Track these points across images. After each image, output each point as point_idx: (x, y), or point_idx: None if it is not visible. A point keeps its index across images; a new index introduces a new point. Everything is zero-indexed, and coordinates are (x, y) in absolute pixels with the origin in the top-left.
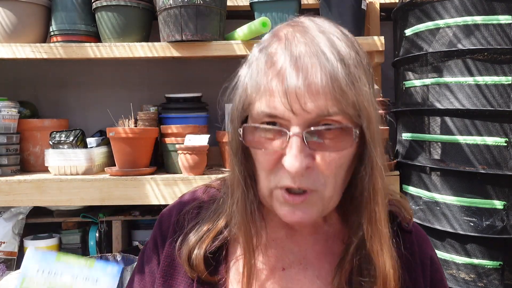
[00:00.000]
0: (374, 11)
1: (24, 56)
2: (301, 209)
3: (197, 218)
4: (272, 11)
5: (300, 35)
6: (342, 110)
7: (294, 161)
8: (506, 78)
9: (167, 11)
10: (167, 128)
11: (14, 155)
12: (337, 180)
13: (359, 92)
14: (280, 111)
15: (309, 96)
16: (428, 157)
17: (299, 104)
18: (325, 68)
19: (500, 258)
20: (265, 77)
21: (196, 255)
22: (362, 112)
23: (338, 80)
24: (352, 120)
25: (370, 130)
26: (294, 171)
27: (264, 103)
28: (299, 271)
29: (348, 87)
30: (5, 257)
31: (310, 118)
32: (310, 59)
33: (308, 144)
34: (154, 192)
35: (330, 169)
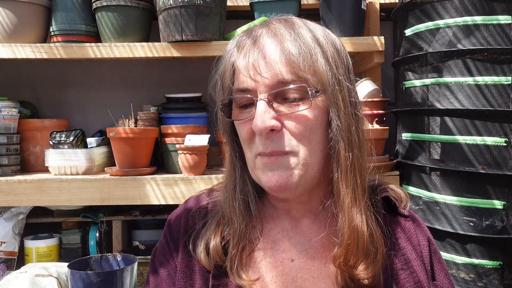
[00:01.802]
0: (374, 11)
1: (24, 56)
2: (277, 171)
3: (205, 218)
4: (272, 11)
5: (265, 23)
6: (297, 76)
7: (257, 121)
8: (506, 78)
9: (167, 11)
10: (167, 128)
11: (14, 155)
12: (311, 144)
13: (312, 62)
14: (246, 83)
15: (266, 66)
16: (428, 157)
17: (258, 73)
18: (280, 43)
19: (500, 258)
20: (235, 59)
21: (213, 245)
22: (316, 76)
23: (290, 51)
24: (309, 85)
25: (328, 94)
26: (258, 130)
27: (237, 82)
28: (307, 261)
29: (301, 57)
30: (5, 257)
31: (271, 85)
32: (268, 38)
33: (273, 108)
34: (154, 192)
35: (299, 131)
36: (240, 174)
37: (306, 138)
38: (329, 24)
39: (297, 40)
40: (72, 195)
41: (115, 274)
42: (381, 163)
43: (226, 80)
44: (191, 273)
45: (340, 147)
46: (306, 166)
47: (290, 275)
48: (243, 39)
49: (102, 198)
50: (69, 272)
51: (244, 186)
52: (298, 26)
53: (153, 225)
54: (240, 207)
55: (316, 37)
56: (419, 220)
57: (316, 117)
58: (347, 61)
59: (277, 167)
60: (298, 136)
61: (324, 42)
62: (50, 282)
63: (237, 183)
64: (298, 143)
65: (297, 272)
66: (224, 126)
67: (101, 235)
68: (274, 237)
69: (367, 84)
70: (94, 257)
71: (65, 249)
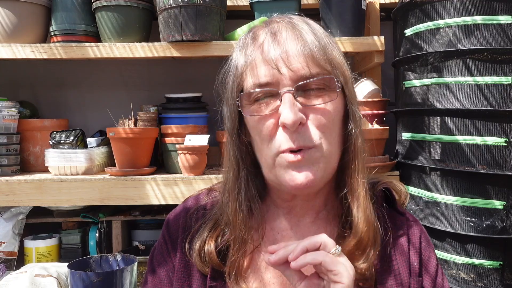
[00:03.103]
0: (374, 11)
1: (24, 56)
2: (306, 168)
3: (203, 218)
4: (272, 11)
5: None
6: (322, 67)
7: (289, 113)
8: (506, 78)
9: (167, 11)
10: (167, 128)
11: (14, 155)
12: (332, 136)
13: (331, 54)
14: (268, 77)
15: (291, 58)
16: (428, 157)
17: (285, 65)
18: (300, 35)
19: (500, 258)
20: (252, 52)
21: (207, 250)
22: (337, 69)
23: (313, 43)
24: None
25: (348, 87)
26: (291, 122)
27: (254, 76)
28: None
29: (321, 49)
30: (5, 257)
31: (295, 78)
32: (286, 32)
33: (298, 101)
34: (154, 192)
35: (323, 123)
36: (245, 177)
37: (329, 130)
38: (329, 24)
39: (315, 33)
40: (72, 195)
41: (115, 274)
42: (381, 163)
43: (239, 75)
44: (189, 273)
45: (359, 140)
46: (328, 158)
47: None
48: (259, 33)
49: (102, 198)
50: (69, 272)
51: (248, 191)
52: (308, 21)
53: (153, 225)
54: (244, 213)
55: (325, 32)
56: (414, 219)
57: (336, 109)
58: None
59: (303, 164)
60: (322, 128)
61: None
62: (50, 282)
63: (242, 187)
64: (321, 136)
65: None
66: (232, 125)
67: (101, 235)
68: (273, 238)
69: (367, 84)
70: (94, 257)
71: (65, 249)
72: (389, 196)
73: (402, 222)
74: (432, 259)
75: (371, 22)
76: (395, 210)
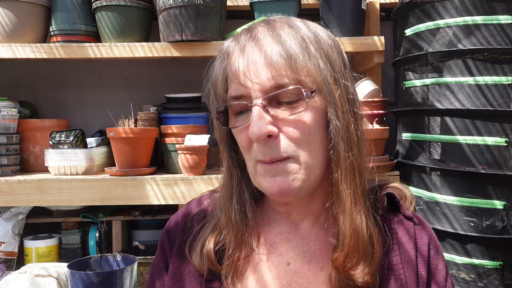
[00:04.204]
0: (374, 11)
1: (24, 56)
2: (279, 177)
3: (203, 220)
4: (272, 11)
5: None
6: (290, 78)
7: (253, 128)
8: (506, 78)
9: (167, 11)
10: (167, 128)
11: (14, 155)
12: (311, 146)
13: (305, 61)
14: (240, 90)
15: (258, 71)
16: (428, 157)
17: (249, 78)
18: (269, 46)
19: (500, 258)
20: (225, 66)
21: (206, 250)
22: (310, 78)
23: (280, 54)
24: (304, 85)
25: (324, 93)
26: (254, 137)
27: (230, 88)
28: (303, 265)
29: (291, 58)
30: (5, 257)
31: (265, 90)
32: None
33: (268, 113)
34: (154, 192)
35: (297, 134)
36: (238, 183)
37: (305, 142)
38: (329, 24)
39: (287, 41)
40: (72, 195)
41: (115, 274)
42: (381, 163)
43: (219, 88)
44: (181, 275)
45: (340, 147)
46: (308, 169)
47: (286, 279)
48: (232, 45)
49: (102, 198)
50: (69, 272)
51: (241, 196)
52: (287, 26)
53: (153, 225)
54: (236, 217)
55: (308, 35)
56: (423, 223)
57: (313, 119)
58: (343, 58)
59: (278, 173)
60: (296, 140)
61: (316, 40)
62: (50, 282)
63: (234, 192)
64: (297, 148)
65: (293, 276)
66: (220, 134)
67: (101, 235)
68: (272, 240)
69: (367, 84)
70: (94, 257)
71: (65, 249)
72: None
73: (409, 228)
74: (440, 268)
75: (371, 22)
76: (402, 215)
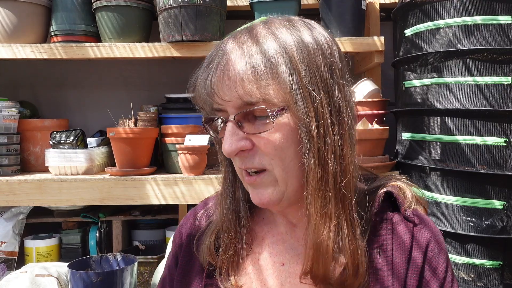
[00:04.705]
0: (374, 11)
1: (24, 56)
2: (259, 189)
3: (211, 218)
4: (272, 11)
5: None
6: (256, 96)
7: (224, 143)
8: (506, 78)
9: (167, 11)
10: (167, 128)
11: (14, 155)
12: (284, 162)
13: (272, 78)
14: (216, 104)
15: (227, 88)
16: (428, 157)
17: (220, 96)
18: (236, 63)
19: (499, 258)
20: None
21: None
22: (278, 94)
23: (244, 72)
24: (269, 105)
25: (292, 110)
26: (226, 153)
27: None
28: (297, 266)
29: (257, 76)
30: (6, 257)
31: (237, 106)
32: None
33: (241, 129)
34: (154, 192)
35: (269, 150)
36: (231, 184)
37: (278, 157)
38: (329, 24)
39: (255, 56)
40: (72, 195)
41: (115, 274)
42: (381, 163)
43: (202, 98)
44: (188, 270)
45: (310, 163)
46: (285, 182)
47: (279, 279)
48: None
49: (102, 198)
50: (69, 272)
51: (234, 196)
52: (264, 36)
53: (153, 225)
54: (229, 217)
55: (284, 45)
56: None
57: (284, 135)
58: (330, 61)
59: (258, 185)
60: (269, 155)
61: (296, 48)
62: (50, 282)
63: (228, 193)
64: (270, 161)
65: (286, 276)
66: (215, 138)
67: (101, 235)
68: (269, 240)
69: (367, 84)
70: (94, 257)
71: (65, 249)
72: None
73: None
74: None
75: (371, 22)
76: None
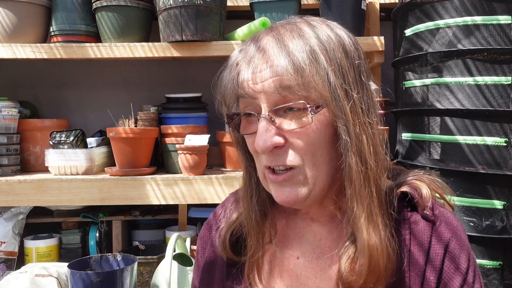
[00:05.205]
0: (374, 11)
1: (24, 56)
2: (286, 188)
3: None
4: (272, 11)
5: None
6: (294, 92)
7: (258, 140)
8: (506, 78)
9: (167, 11)
10: (167, 128)
11: (14, 155)
12: (316, 158)
13: (312, 75)
14: (248, 100)
15: (265, 83)
16: (428, 157)
17: (256, 90)
18: (277, 56)
19: (500, 258)
20: (235, 75)
21: (224, 239)
22: (317, 92)
23: (282, 69)
24: (309, 100)
25: (331, 107)
26: (260, 149)
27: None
28: (312, 260)
29: (295, 73)
30: (5, 257)
31: (272, 102)
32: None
33: (274, 124)
34: (154, 192)
35: (303, 145)
36: (256, 184)
37: (310, 153)
38: None
39: (294, 53)
40: (72, 195)
41: (115, 274)
42: None
43: (228, 97)
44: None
45: (351, 162)
46: (314, 180)
47: (295, 272)
48: (240, 56)
49: (102, 198)
50: (69, 272)
51: (260, 196)
52: (297, 35)
53: (153, 225)
54: (257, 218)
55: (318, 43)
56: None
57: (319, 131)
58: (359, 63)
59: (285, 183)
60: (301, 151)
61: (329, 48)
62: (50, 282)
63: (254, 193)
64: (302, 158)
65: (301, 269)
66: (235, 137)
67: (101, 235)
68: (286, 234)
69: None
70: (94, 257)
71: (65, 249)
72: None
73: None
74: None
75: (371, 22)
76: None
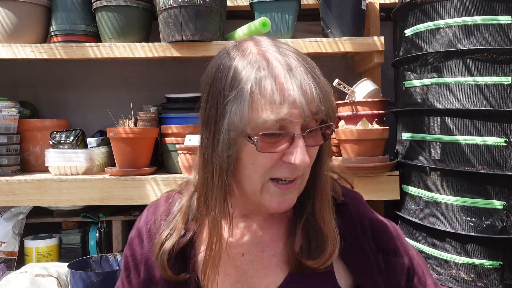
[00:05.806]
0: (374, 11)
1: (24, 56)
2: (288, 195)
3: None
4: (272, 11)
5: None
6: (325, 112)
7: (303, 157)
8: (506, 78)
9: (167, 11)
10: (167, 128)
11: (14, 155)
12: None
13: (330, 96)
14: (287, 118)
15: (306, 104)
16: (428, 157)
17: (300, 110)
18: (313, 78)
19: (500, 258)
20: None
21: (162, 258)
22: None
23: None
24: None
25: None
26: (301, 166)
27: (269, 112)
28: (257, 254)
29: (325, 93)
30: (5, 257)
31: (306, 123)
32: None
33: (305, 143)
34: (154, 192)
35: (312, 159)
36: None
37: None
38: (329, 24)
39: (319, 76)
40: (72, 195)
41: (115, 274)
42: (381, 163)
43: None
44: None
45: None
46: (303, 185)
47: (242, 268)
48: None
49: (102, 198)
50: (69, 272)
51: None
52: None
53: None
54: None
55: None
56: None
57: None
58: None
59: (291, 191)
60: (311, 163)
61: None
62: (50, 282)
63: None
64: (307, 169)
65: (248, 264)
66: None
67: (101, 235)
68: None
69: (367, 84)
70: (94, 257)
71: (65, 249)
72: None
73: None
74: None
75: (371, 22)
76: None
